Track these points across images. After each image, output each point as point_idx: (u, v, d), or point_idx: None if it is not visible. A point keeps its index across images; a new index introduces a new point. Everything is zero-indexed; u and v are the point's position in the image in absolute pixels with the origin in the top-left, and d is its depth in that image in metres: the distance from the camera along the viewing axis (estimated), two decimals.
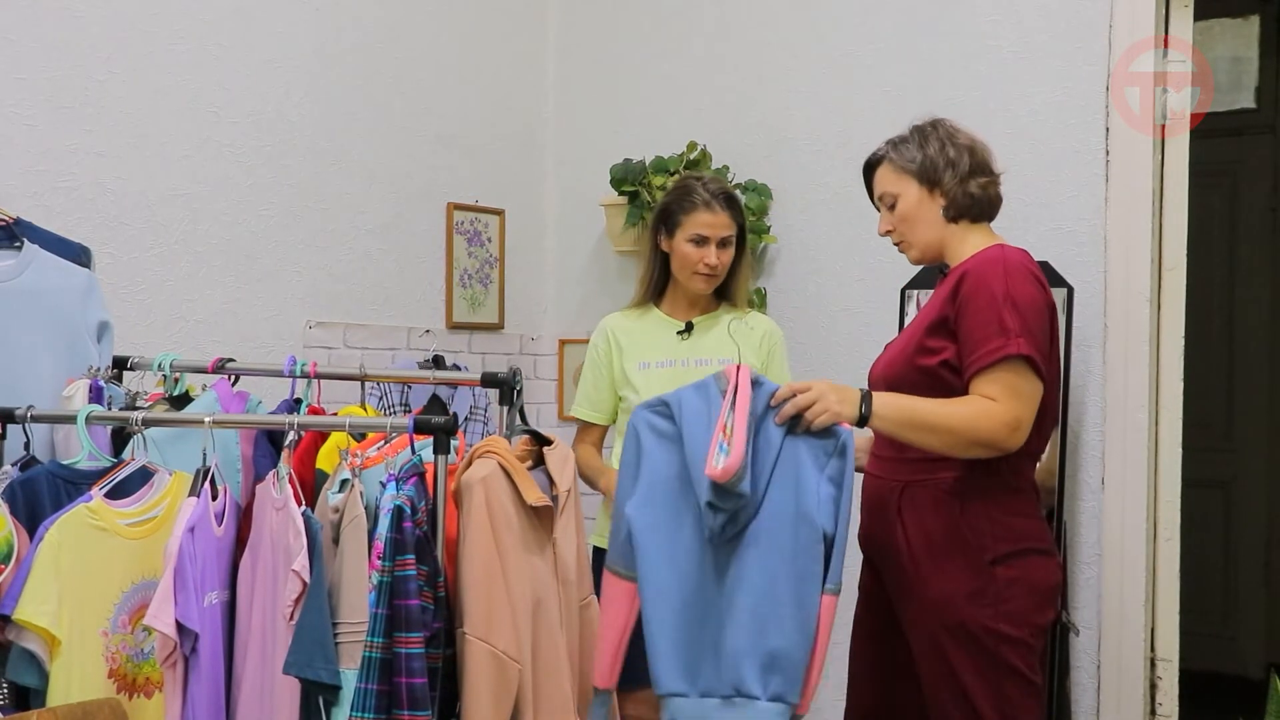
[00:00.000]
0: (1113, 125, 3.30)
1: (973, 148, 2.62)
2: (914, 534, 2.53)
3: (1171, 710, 3.26)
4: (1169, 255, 3.27)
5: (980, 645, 2.45)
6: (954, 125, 2.66)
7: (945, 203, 2.60)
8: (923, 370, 2.51)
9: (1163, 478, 3.27)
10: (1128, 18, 3.28)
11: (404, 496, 2.09)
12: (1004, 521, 2.50)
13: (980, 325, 2.42)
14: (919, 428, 2.43)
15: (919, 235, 2.64)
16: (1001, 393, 2.40)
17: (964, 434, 2.41)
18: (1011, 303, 2.42)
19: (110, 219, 3.20)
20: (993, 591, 2.45)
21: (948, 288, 2.52)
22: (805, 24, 3.89)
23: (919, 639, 2.53)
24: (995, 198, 2.64)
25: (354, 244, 3.81)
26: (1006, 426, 2.40)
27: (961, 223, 2.61)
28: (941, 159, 2.59)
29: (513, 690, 2.15)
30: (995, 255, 2.51)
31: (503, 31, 4.31)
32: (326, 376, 2.84)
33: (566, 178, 4.43)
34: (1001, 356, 2.39)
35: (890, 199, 2.66)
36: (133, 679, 2.24)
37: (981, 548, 2.47)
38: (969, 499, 2.49)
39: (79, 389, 2.46)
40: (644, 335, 3.18)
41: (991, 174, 2.63)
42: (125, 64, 3.24)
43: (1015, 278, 2.46)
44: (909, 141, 2.65)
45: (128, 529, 2.23)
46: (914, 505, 2.54)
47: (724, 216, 3.06)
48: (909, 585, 2.54)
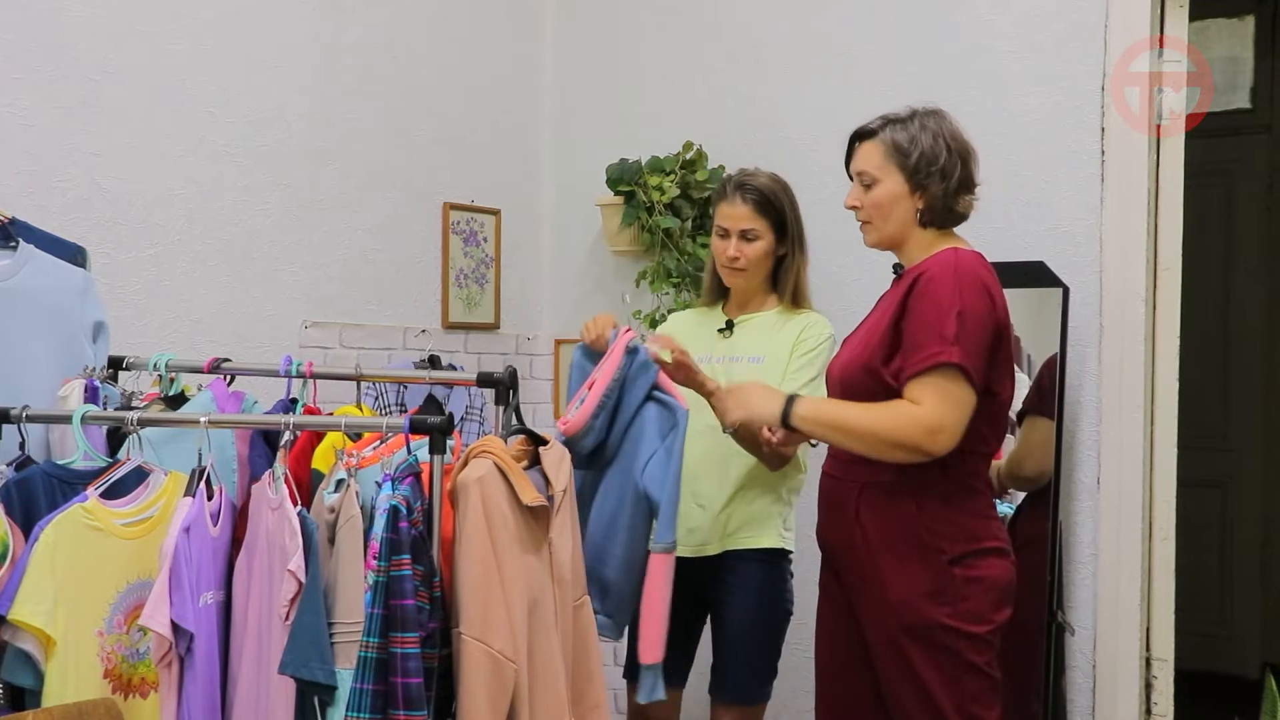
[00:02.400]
0: (1108, 125, 3.31)
1: (966, 158, 2.58)
2: (872, 534, 2.54)
3: (1167, 710, 3.27)
4: (1165, 255, 3.28)
5: (939, 643, 2.47)
6: (953, 122, 2.62)
7: (923, 207, 2.58)
8: (875, 376, 2.52)
9: (1158, 477, 3.27)
10: (1123, 18, 3.28)
11: (400, 496, 2.09)
12: (960, 522, 2.52)
13: (919, 331, 2.44)
14: (838, 430, 2.51)
15: (885, 226, 2.62)
16: (929, 397, 2.42)
17: (883, 437, 2.46)
18: (955, 312, 2.43)
19: (106, 219, 3.20)
20: (951, 591, 2.48)
21: (901, 290, 2.53)
22: (802, 23, 3.89)
23: (878, 638, 2.55)
24: (969, 213, 2.63)
25: (350, 244, 3.81)
26: (926, 430, 2.41)
27: (930, 229, 2.60)
28: (936, 165, 2.55)
29: (509, 690, 2.15)
30: (949, 261, 2.51)
31: (499, 32, 4.31)
32: (322, 376, 2.84)
33: (562, 177, 4.43)
34: (934, 364, 2.41)
35: (869, 179, 2.62)
36: (128, 679, 2.24)
37: (939, 548, 2.49)
38: (925, 499, 2.50)
39: (74, 389, 2.46)
40: (691, 332, 3.15)
41: (973, 189, 2.61)
42: (122, 64, 3.23)
43: (964, 286, 2.46)
44: (906, 126, 2.58)
45: (123, 529, 2.23)
46: (872, 506, 2.55)
47: (742, 208, 3.01)
48: (868, 585, 2.55)
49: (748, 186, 3.03)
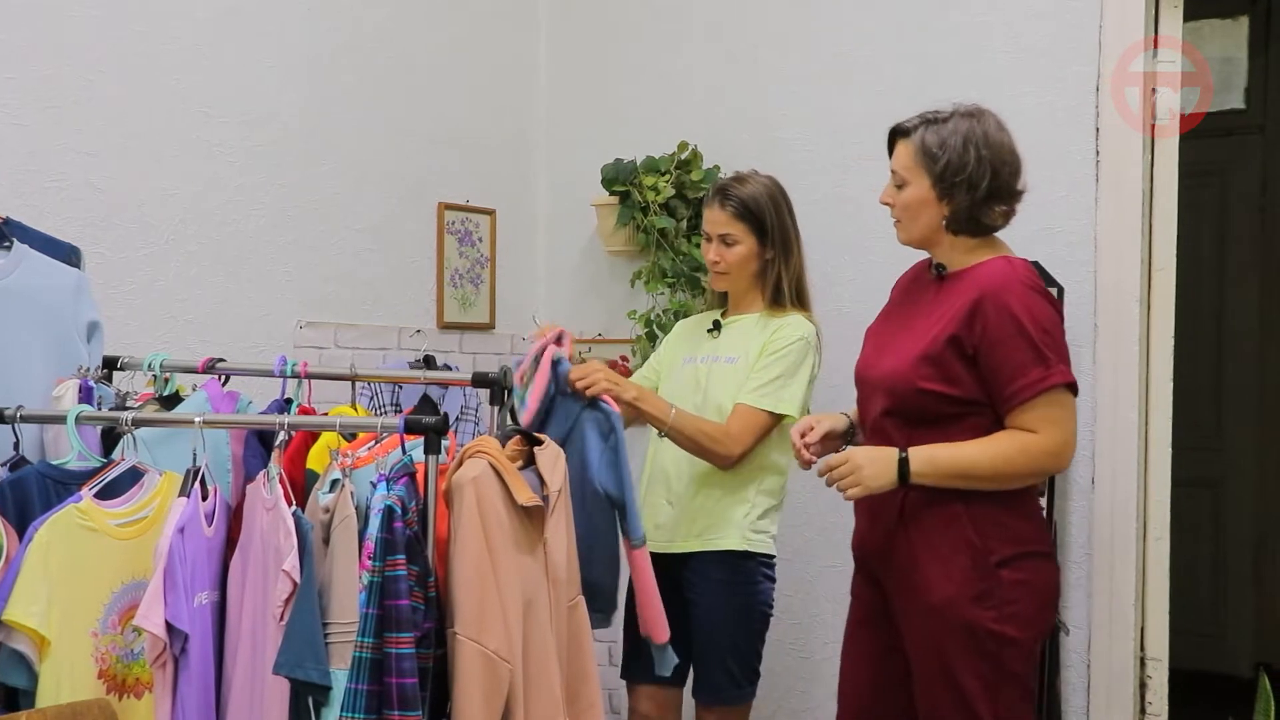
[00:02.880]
0: (1103, 126, 3.31)
1: (999, 168, 2.52)
2: (917, 539, 2.51)
3: (1161, 709, 3.27)
4: (1159, 255, 3.28)
5: (983, 649, 2.44)
6: (995, 129, 2.55)
7: (949, 215, 2.55)
8: (924, 394, 2.48)
9: (1152, 477, 3.28)
10: (1118, 18, 3.29)
11: (395, 496, 2.08)
12: (1009, 524, 2.49)
13: (1014, 357, 2.42)
14: (963, 478, 2.46)
15: (914, 229, 2.62)
16: (1043, 423, 2.42)
17: (1011, 474, 2.46)
18: (1039, 327, 2.43)
19: (100, 219, 3.20)
20: (998, 594, 2.44)
21: (960, 307, 2.47)
22: (797, 24, 3.89)
23: (918, 642, 2.51)
24: (1004, 223, 2.58)
25: (345, 244, 3.81)
26: (1050, 456, 2.44)
27: (961, 236, 2.57)
28: (964, 172, 2.50)
29: (503, 690, 2.15)
30: (1005, 273, 2.48)
31: (494, 32, 4.31)
32: (317, 376, 2.83)
33: (558, 177, 4.43)
34: (1044, 389, 2.41)
35: (900, 179, 2.60)
36: (122, 680, 2.24)
37: (987, 550, 2.46)
38: (973, 500, 2.47)
39: (69, 389, 2.46)
40: (689, 333, 3.26)
41: (1009, 199, 2.55)
42: (116, 63, 3.23)
43: (1031, 298, 2.46)
44: (941, 127, 2.54)
45: (117, 529, 2.22)
46: (917, 510, 2.52)
47: (720, 214, 3.07)
48: (911, 590, 2.51)
49: (727, 192, 3.08)
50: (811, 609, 3.76)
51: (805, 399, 3.07)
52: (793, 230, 3.12)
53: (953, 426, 2.48)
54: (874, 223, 3.66)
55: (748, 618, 3.05)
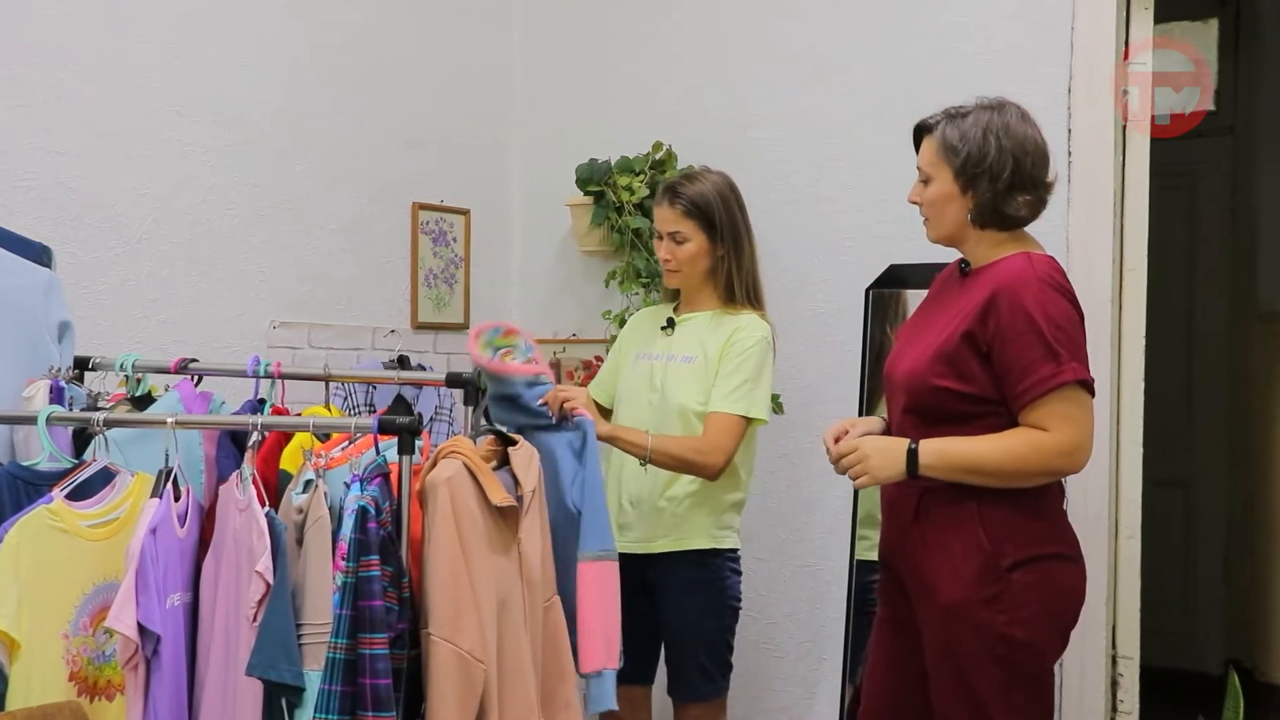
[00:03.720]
0: (1075, 127, 3.33)
1: (1020, 158, 2.49)
2: (931, 539, 2.50)
3: (1132, 707, 3.29)
4: (1130, 256, 3.30)
5: (995, 652, 2.42)
6: (1016, 120, 2.53)
7: (973, 208, 2.52)
8: (939, 392, 2.47)
9: (1124, 476, 3.30)
10: (1089, 21, 3.31)
11: (368, 497, 2.08)
12: (1023, 525, 2.46)
13: (1025, 354, 2.39)
14: (972, 473, 2.44)
15: (941, 225, 2.59)
16: (1055, 421, 2.39)
17: (1020, 472, 2.44)
18: (1053, 324, 2.40)
19: (71, 218, 3.18)
20: (1008, 597, 2.41)
21: (976, 302, 2.46)
22: (771, 24, 3.90)
23: (933, 644, 2.51)
24: (1031, 215, 2.54)
25: (318, 244, 3.80)
26: (1061, 455, 2.42)
27: (988, 230, 2.54)
28: (984, 163, 2.48)
29: (478, 691, 2.15)
30: (1022, 269, 2.46)
31: (468, 32, 4.30)
32: (290, 377, 2.83)
33: (532, 177, 4.42)
34: (1055, 386, 2.38)
35: (925, 176, 2.59)
36: (94, 682, 2.22)
37: (999, 552, 2.43)
38: (987, 501, 2.45)
39: (39, 389, 2.44)
40: (643, 328, 3.28)
41: (1034, 189, 2.52)
42: (87, 62, 3.21)
43: (1047, 294, 2.43)
44: (963, 122, 2.53)
45: (89, 530, 2.21)
46: (931, 512, 2.50)
47: (669, 211, 3.10)
48: (926, 591, 2.51)
49: (676, 191, 3.11)
50: (785, 608, 3.77)
51: (770, 399, 3.11)
52: (744, 227, 3.13)
53: (968, 426, 2.46)
54: (848, 223, 3.68)
55: (718, 613, 3.07)
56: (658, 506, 3.05)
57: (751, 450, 3.14)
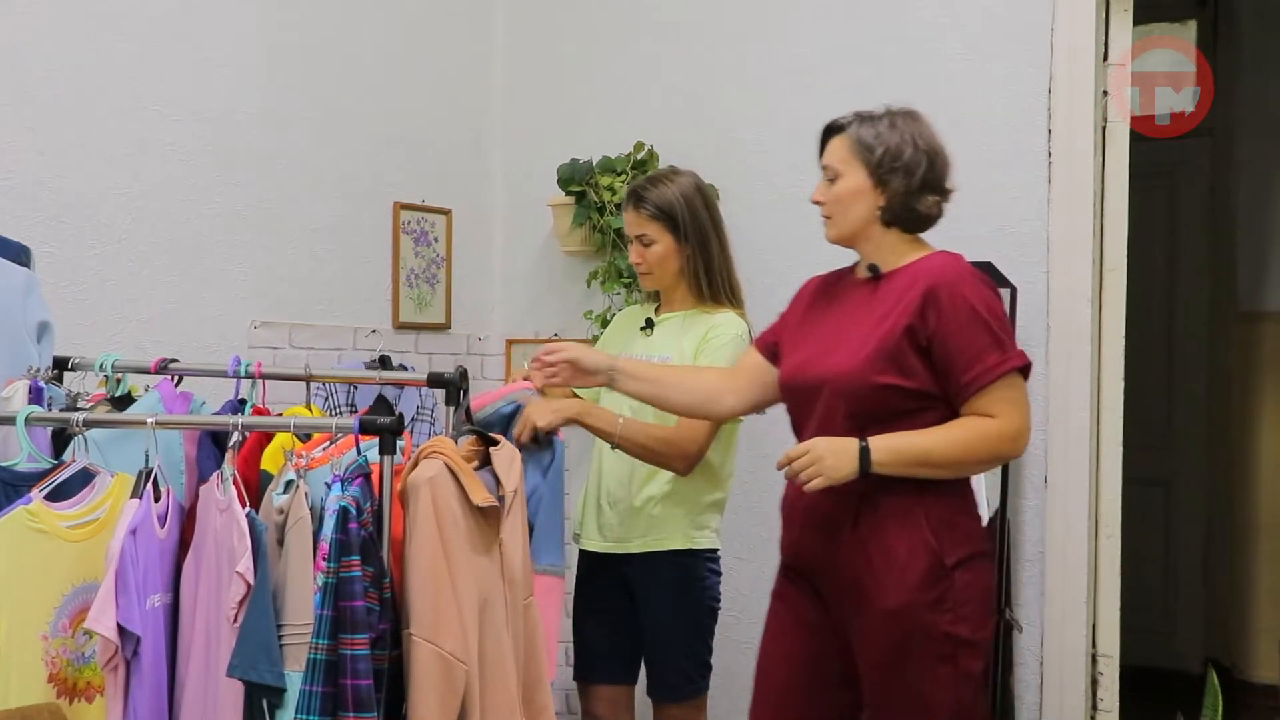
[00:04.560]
0: (1055, 127, 3.34)
1: (933, 160, 2.56)
2: (874, 547, 2.47)
3: (1112, 705, 3.31)
4: (1110, 256, 3.32)
5: (941, 652, 2.43)
6: (925, 124, 2.60)
7: (884, 204, 2.55)
8: (884, 390, 2.46)
9: (1104, 476, 3.31)
10: (1068, 21, 3.32)
11: (349, 497, 2.08)
12: (961, 524, 2.50)
13: (972, 343, 2.42)
14: (924, 465, 2.45)
15: (845, 222, 2.60)
16: (1001, 407, 2.42)
17: (970, 460, 2.48)
18: (993, 314, 2.46)
19: (51, 218, 3.16)
20: (952, 597, 2.43)
21: (910, 300, 2.47)
22: (753, 25, 3.90)
23: (874, 650, 2.48)
24: (935, 216, 2.60)
25: (299, 244, 3.79)
26: (1008, 440, 2.45)
27: (893, 229, 2.58)
28: (899, 161, 2.53)
29: (459, 691, 2.15)
30: (951, 264, 2.51)
31: (450, 31, 4.30)
32: (271, 377, 2.81)
33: (514, 177, 4.42)
34: (1001, 374, 2.42)
35: (833, 173, 2.61)
36: (73, 683, 2.21)
37: (944, 552, 2.44)
38: (929, 502, 2.47)
39: (18, 390, 2.43)
40: (627, 329, 3.26)
41: (943, 192, 2.58)
42: (66, 61, 3.20)
43: (981, 288, 2.49)
44: (876, 124, 2.57)
45: (68, 531, 2.20)
46: (878, 520, 2.48)
47: (633, 215, 3.11)
48: (866, 600, 2.48)
49: (637, 195, 3.12)
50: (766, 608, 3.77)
51: None
52: (710, 225, 3.12)
53: (908, 422, 2.47)
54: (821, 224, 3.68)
55: (696, 614, 3.07)
56: (634, 505, 3.05)
57: (732, 450, 3.14)
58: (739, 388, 2.79)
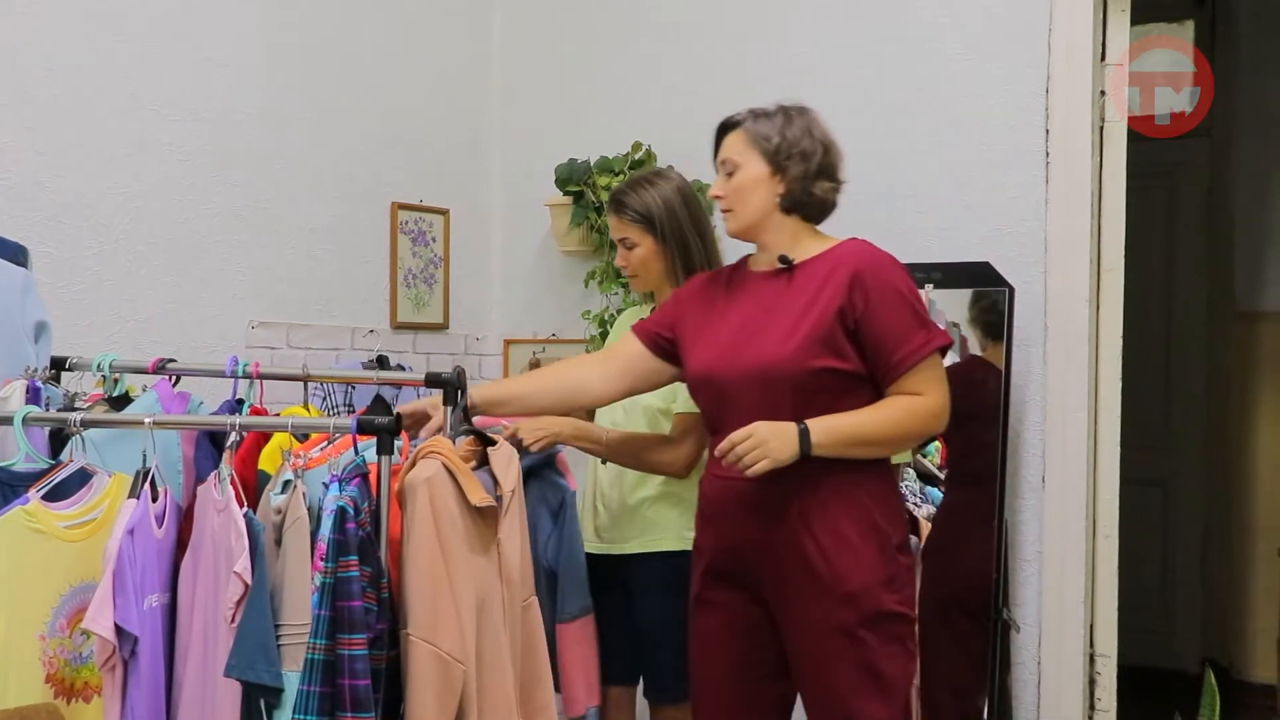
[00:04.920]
0: (1052, 128, 3.34)
1: (829, 147, 2.62)
2: (824, 534, 2.48)
3: (1110, 705, 3.31)
4: (1108, 256, 3.32)
5: (893, 631, 2.50)
6: (818, 118, 2.66)
7: (784, 191, 2.59)
8: (820, 374, 2.48)
9: (1102, 476, 3.31)
10: (1066, 22, 3.32)
11: (347, 497, 2.08)
12: (897, 506, 2.62)
13: (899, 324, 2.48)
14: (858, 444, 2.49)
15: (746, 211, 2.63)
16: (927, 385, 2.50)
17: (902, 437, 2.55)
18: (915, 296, 2.54)
19: (49, 218, 3.16)
20: (899, 578, 2.52)
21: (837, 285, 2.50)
22: (752, 25, 3.91)
23: (823, 634, 2.49)
24: (831, 204, 2.65)
25: (297, 244, 3.79)
26: (935, 417, 2.52)
27: (793, 216, 2.62)
28: (796, 149, 2.59)
29: (457, 691, 2.15)
30: (870, 249, 2.58)
31: (448, 31, 4.30)
32: (269, 377, 2.82)
33: (511, 177, 4.42)
34: (929, 352, 2.49)
35: (731, 166, 2.64)
36: (71, 683, 2.21)
37: (889, 535, 2.52)
38: (873, 487, 2.53)
39: (16, 390, 2.42)
40: (624, 330, 3.22)
41: (836, 179, 2.64)
42: (65, 61, 3.20)
43: (901, 271, 2.56)
44: (771, 118, 2.63)
45: (66, 531, 2.20)
46: (823, 506, 2.49)
47: (614, 219, 3.11)
48: (817, 586, 2.48)
49: (617, 199, 3.12)
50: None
51: None
52: (690, 225, 3.10)
53: (838, 405, 2.50)
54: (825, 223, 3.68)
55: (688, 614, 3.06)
56: (628, 506, 3.05)
57: None
58: (608, 374, 2.80)
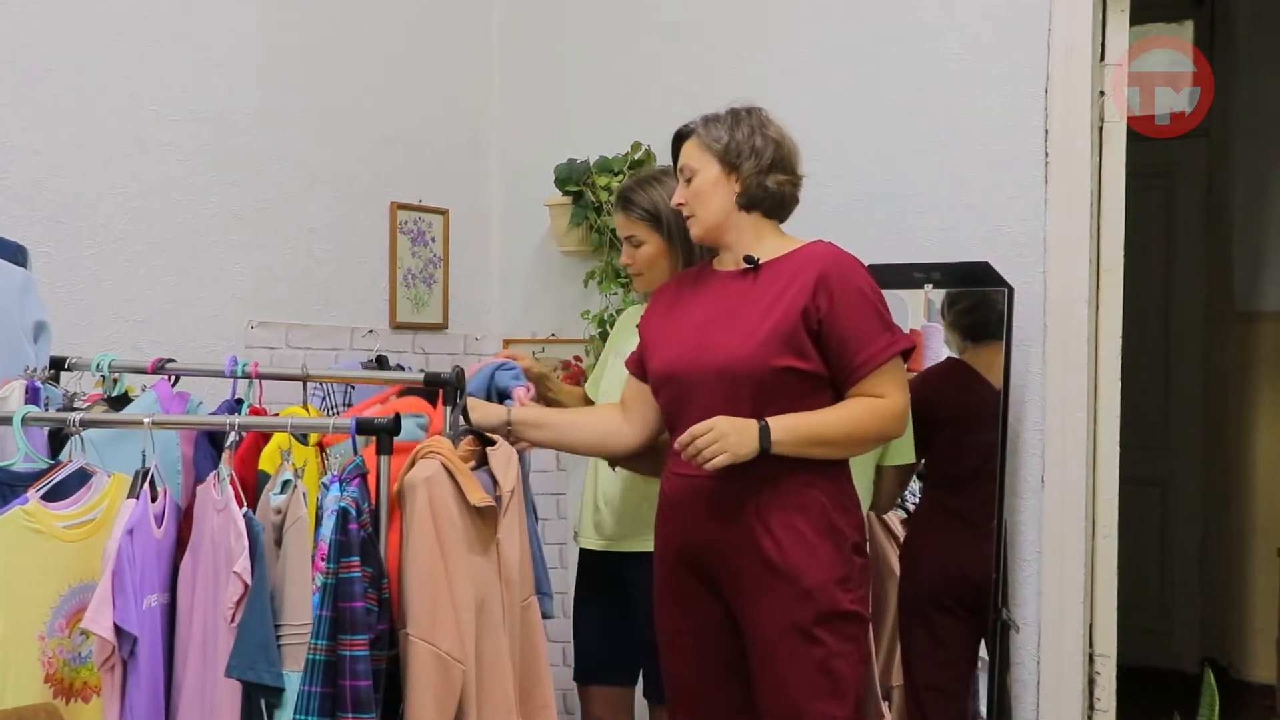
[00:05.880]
0: (1051, 128, 3.34)
1: (780, 142, 2.66)
2: (781, 531, 2.51)
3: (1109, 705, 3.31)
4: (1107, 256, 3.32)
5: (847, 631, 2.52)
6: (768, 116, 2.71)
7: (740, 189, 2.64)
8: (782, 373, 2.51)
9: (1101, 476, 3.31)
10: (1065, 22, 3.32)
11: (349, 498, 2.08)
12: (854, 509, 2.62)
13: (863, 325, 2.52)
14: (819, 444, 2.52)
15: (707, 213, 2.67)
16: (889, 387, 2.53)
17: (862, 438, 2.58)
18: (879, 298, 2.56)
19: (48, 218, 3.16)
20: (854, 577, 2.55)
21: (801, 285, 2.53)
22: (751, 25, 3.90)
23: (779, 630, 2.51)
24: (790, 198, 2.69)
25: (296, 243, 3.78)
26: (895, 419, 2.55)
27: (753, 214, 2.66)
28: (747, 146, 2.63)
29: (456, 691, 2.15)
30: (836, 251, 2.62)
31: (447, 30, 4.29)
32: (268, 377, 2.81)
33: (511, 177, 4.42)
34: (892, 354, 2.52)
35: (689, 172, 2.69)
36: (70, 683, 2.21)
37: (845, 535, 2.55)
38: (829, 488, 2.55)
39: (15, 390, 2.42)
40: (627, 328, 3.26)
41: (792, 173, 2.68)
42: (64, 60, 3.19)
43: (866, 274, 2.59)
44: (721, 121, 2.68)
45: (65, 531, 2.19)
46: (780, 504, 2.52)
47: (622, 217, 3.11)
48: (774, 582, 2.51)
49: (625, 197, 3.12)
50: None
51: None
52: None
53: (799, 405, 2.53)
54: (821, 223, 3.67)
55: None
56: (628, 504, 3.05)
57: None
58: (632, 419, 2.83)
